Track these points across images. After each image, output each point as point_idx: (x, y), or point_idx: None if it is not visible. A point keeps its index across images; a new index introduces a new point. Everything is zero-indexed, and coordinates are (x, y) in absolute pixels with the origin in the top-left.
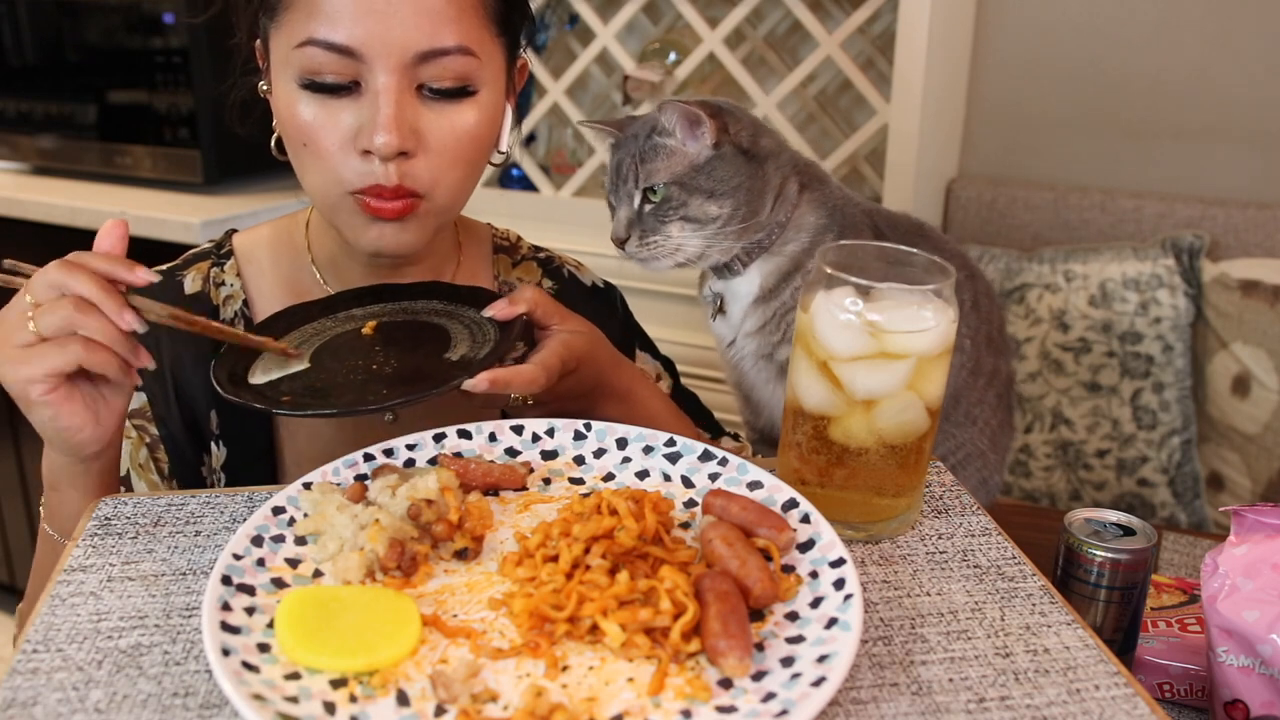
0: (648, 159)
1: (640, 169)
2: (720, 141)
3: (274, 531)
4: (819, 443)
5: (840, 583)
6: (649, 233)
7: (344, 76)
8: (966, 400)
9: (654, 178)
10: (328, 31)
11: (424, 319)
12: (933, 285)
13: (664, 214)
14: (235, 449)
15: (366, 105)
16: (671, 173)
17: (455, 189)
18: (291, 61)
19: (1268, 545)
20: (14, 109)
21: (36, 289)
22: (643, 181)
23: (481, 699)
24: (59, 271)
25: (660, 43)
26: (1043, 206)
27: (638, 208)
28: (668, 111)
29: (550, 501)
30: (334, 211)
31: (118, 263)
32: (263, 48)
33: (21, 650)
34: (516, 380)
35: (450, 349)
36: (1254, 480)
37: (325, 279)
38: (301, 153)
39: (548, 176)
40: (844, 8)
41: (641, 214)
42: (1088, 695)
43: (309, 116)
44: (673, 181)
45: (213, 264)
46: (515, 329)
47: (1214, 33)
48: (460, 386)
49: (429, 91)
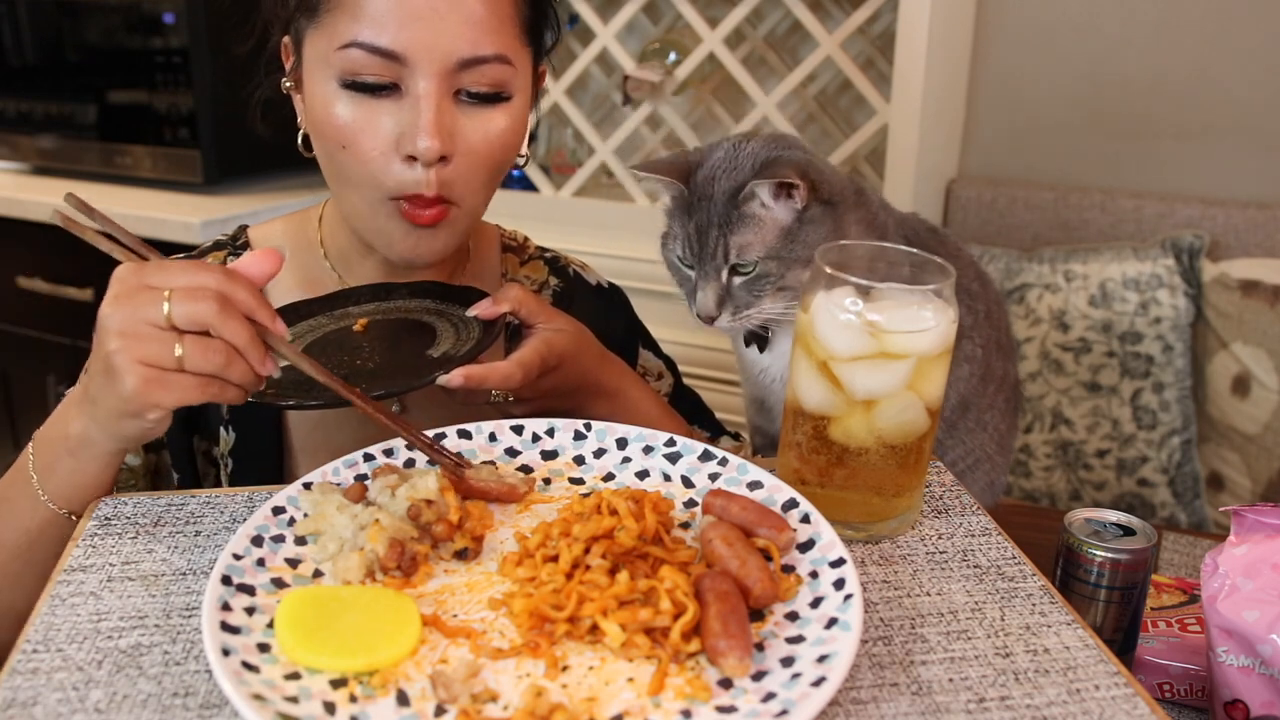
0: (736, 231)
1: (729, 242)
2: (809, 204)
3: (274, 531)
4: (819, 443)
5: (840, 583)
6: (742, 307)
7: (384, 78)
8: (977, 407)
9: (747, 254)
10: (373, 35)
11: (415, 317)
12: (933, 285)
13: (758, 288)
14: (244, 434)
15: (406, 109)
16: (766, 246)
17: (484, 193)
18: (333, 62)
19: (1268, 545)
20: (14, 109)
21: (180, 314)
22: (733, 258)
23: (481, 699)
24: (209, 308)
25: (660, 43)
26: (1043, 206)
27: (726, 282)
28: (763, 185)
29: (550, 501)
30: (370, 217)
31: (263, 310)
32: (292, 46)
33: (21, 650)
34: (493, 376)
35: (433, 346)
36: (1254, 480)
37: (339, 274)
38: (340, 155)
39: (548, 176)
40: (844, 8)
41: (731, 289)
42: (1088, 695)
43: (348, 117)
44: (768, 256)
45: (229, 254)
46: (498, 327)
47: (1214, 33)
48: (435, 382)
49: (466, 96)
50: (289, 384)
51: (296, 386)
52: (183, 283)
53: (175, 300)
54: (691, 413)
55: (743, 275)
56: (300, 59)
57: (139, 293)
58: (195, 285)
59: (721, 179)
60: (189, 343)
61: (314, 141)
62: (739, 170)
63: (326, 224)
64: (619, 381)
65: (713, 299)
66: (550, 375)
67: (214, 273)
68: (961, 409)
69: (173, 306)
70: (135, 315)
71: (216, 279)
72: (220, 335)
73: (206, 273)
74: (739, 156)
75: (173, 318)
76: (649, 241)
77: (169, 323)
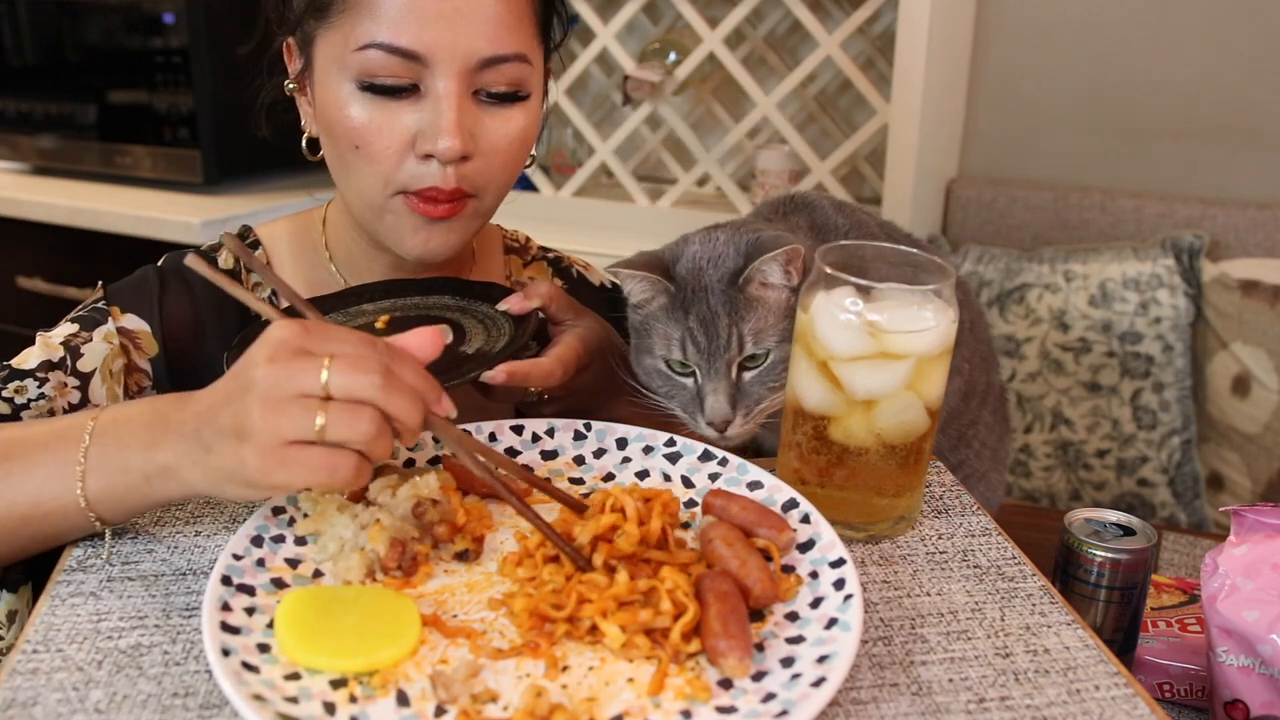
0: (747, 318)
1: (744, 331)
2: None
3: (274, 531)
4: (819, 443)
5: (840, 583)
6: (753, 405)
7: (403, 79)
8: (959, 423)
9: (764, 340)
10: (393, 35)
11: (436, 314)
12: (933, 285)
13: (771, 379)
14: None
15: (426, 109)
16: (779, 330)
17: (502, 191)
18: (349, 63)
19: (1268, 545)
20: (14, 109)
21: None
22: (749, 347)
23: (481, 699)
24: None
25: (660, 43)
26: (1043, 206)
27: (736, 379)
28: (776, 259)
29: (550, 501)
30: (378, 213)
31: (432, 390)
32: (298, 48)
33: (21, 650)
34: (535, 373)
35: (465, 342)
36: (1254, 480)
37: (343, 276)
38: (350, 155)
39: (548, 176)
40: (844, 8)
41: (741, 385)
42: (1088, 695)
43: (364, 119)
44: (782, 340)
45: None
46: (530, 323)
47: (1214, 33)
48: (479, 378)
49: (485, 96)
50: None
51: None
52: (348, 350)
53: (336, 370)
54: None
55: (752, 369)
56: (309, 61)
57: (296, 358)
58: (360, 355)
59: (710, 268)
60: (335, 410)
61: (324, 142)
62: (726, 256)
63: (331, 227)
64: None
65: (725, 400)
66: (582, 374)
67: (378, 345)
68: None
69: (332, 376)
70: (288, 383)
71: (381, 351)
72: (385, 410)
73: (370, 345)
74: (716, 244)
75: (330, 388)
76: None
77: (325, 392)
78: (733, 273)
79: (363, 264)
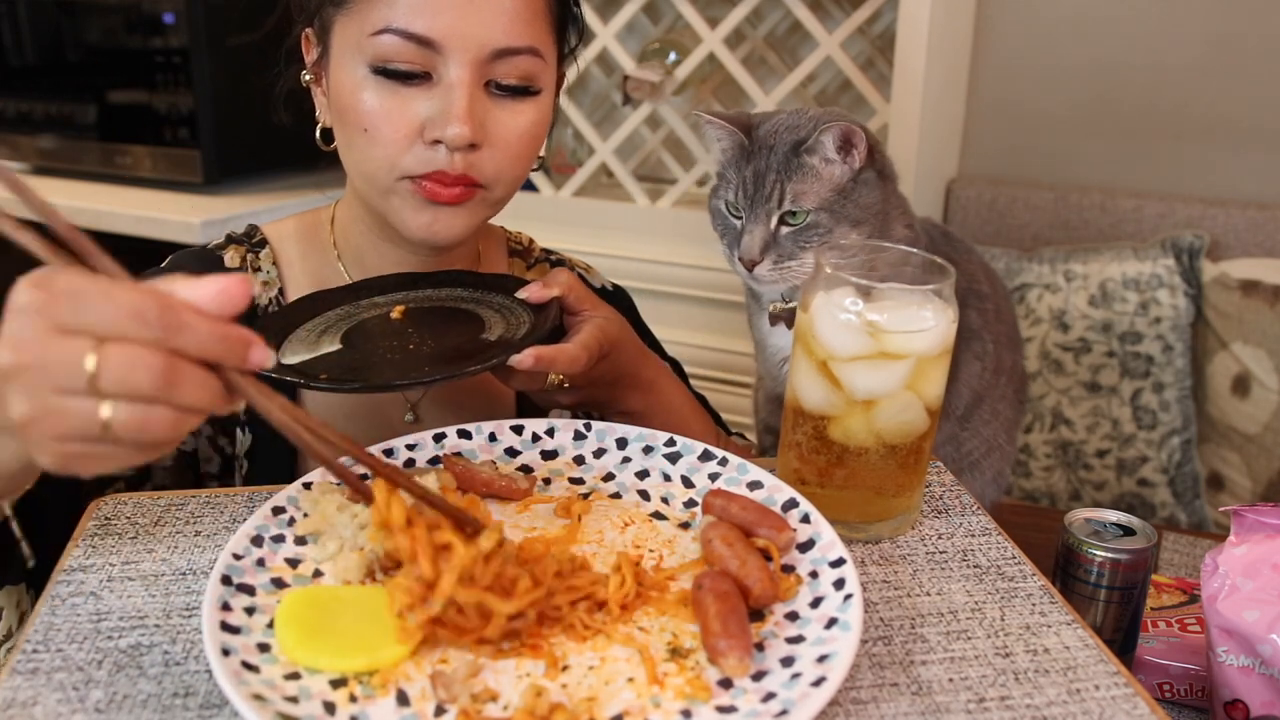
0: (794, 178)
1: (786, 189)
2: (865, 165)
3: (274, 531)
4: (819, 443)
5: (840, 583)
6: (785, 257)
7: (417, 65)
8: (990, 399)
9: (802, 201)
10: (408, 21)
11: (451, 305)
12: (933, 285)
13: (805, 240)
14: (261, 435)
15: (438, 96)
16: (820, 197)
17: (512, 185)
18: (364, 48)
19: (1268, 545)
20: (14, 109)
21: (111, 381)
22: (788, 204)
23: (481, 699)
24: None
25: (660, 43)
26: (1043, 206)
27: (774, 230)
28: (830, 130)
29: (550, 501)
30: (385, 196)
31: (235, 350)
32: (316, 37)
33: (21, 650)
34: (561, 358)
35: (486, 330)
36: (1254, 480)
37: (351, 275)
38: (359, 138)
39: (548, 176)
40: (844, 8)
41: (777, 236)
42: (1088, 695)
43: (375, 103)
44: (821, 208)
45: (248, 249)
46: (551, 311)
47: (1214, 33)
48: (506, 362)
49: (496, 88)
50: (341, 370)
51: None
52: (115, 326)
53: (106, 366)
54: None
55: (791, 225)
56: (327, 49)
57: (51, 340)
58: (132, 336)
59: (784, 133)
60: (119, 408)
61: (336, 128)
62: (802, 128)
63: (339, 225)
64: (654, 374)
65: (758, 243)
66: (601, 363)
67: (151, 308)
68: (976, 402)
69: (102, 372)
70: (47, 377)
71: (156, 319)
72: (171, 403)
73: (140, 317)
74: (802, 118)
75: (101, 384)
76: (649, 241)
77: (94, 385)
78: (797, 141)
79: (371, 261)
